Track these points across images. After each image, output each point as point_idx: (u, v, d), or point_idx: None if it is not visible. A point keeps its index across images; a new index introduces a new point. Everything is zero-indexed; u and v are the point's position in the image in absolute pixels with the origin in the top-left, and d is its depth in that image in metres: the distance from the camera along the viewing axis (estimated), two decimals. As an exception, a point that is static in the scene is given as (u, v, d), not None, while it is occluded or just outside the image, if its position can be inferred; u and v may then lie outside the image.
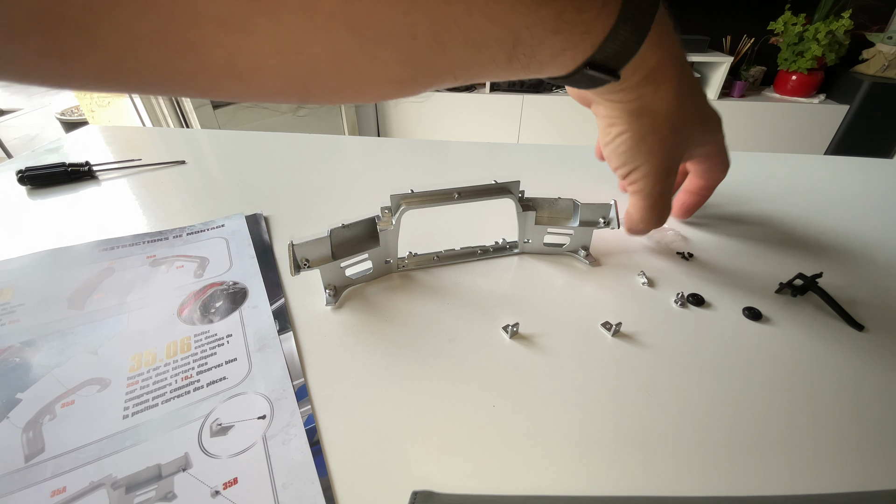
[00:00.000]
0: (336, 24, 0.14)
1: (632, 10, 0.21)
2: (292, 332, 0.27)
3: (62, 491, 0.19)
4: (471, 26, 0.16)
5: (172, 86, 0.14)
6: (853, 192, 0.47)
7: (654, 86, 0.26)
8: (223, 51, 0.13)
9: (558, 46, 0.20)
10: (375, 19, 0.14)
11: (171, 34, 0.12)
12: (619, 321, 0.27)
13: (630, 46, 0.22)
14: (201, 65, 0.13)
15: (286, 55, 0.14)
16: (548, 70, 0.22)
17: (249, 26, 0.13)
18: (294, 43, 0.14)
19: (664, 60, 0.25)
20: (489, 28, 0.17)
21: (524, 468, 0.20)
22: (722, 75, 1.78)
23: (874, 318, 0.29)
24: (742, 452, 0.21)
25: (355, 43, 0.15)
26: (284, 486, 0.19)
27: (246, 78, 0.14)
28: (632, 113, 0.28)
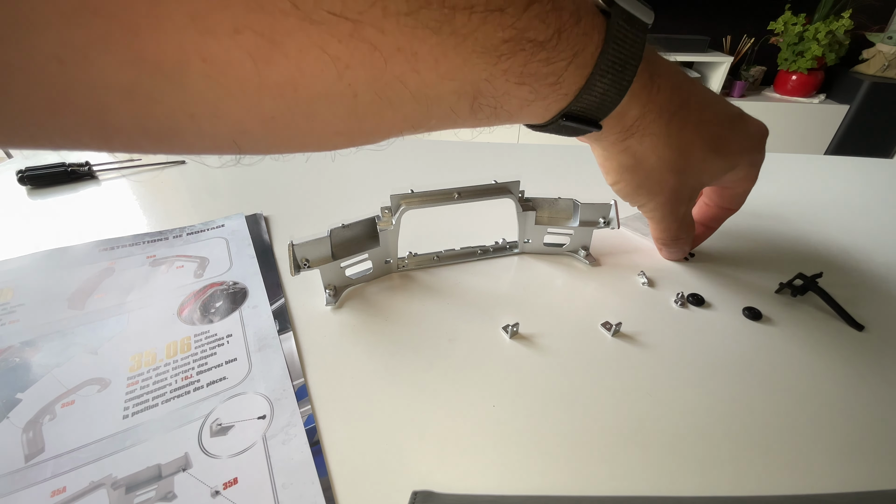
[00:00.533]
0: (254, 91, 0.12)
1: (610, 64, 0.19)
2: (292, 332, 0.27)
3: (62, 491, 0.19)
4: (419, 82, 0.15)
5: (92, 145, 0.13)
6: (853, 192, 0.47)
7: (639, 137, 0.24)
8: (131, 116, 0.12)
9: (526, 97, 0.19)
10: (303, 85, 0.13)
11: (71, 104, 0.11)
12: (619, 321, 0.27)
13: (610, 98, 0.21)
14: (112, 128, 0.12)
15: (202, 120, 0.13)
16: (520, 118, 0.21)
17: (155, 94, 0.12)
18: (208, 108, 0.13)
19: (646, 113, 0.23)
20: (441, 83, 0.16)
21: (524, 468, 0.20)
22: (722, 75, 1.78)
23: (874, 318, 0.29)
24: (742, 452, 0.21)
25: (283, 106, 0.13)
26: (284, 486, 0.19)
27: (165, 139, 0.13)
28: (621, 165, 0.26)
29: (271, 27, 0.11)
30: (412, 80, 0.15)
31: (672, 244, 0.33)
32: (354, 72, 0.13)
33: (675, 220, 0.30)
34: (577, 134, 0.23)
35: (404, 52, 0.14)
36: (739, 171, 0.29)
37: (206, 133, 0.13)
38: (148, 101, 0.12)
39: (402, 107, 0.16)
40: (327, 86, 0.13)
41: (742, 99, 1.86)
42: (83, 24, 0.10)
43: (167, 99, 0.12)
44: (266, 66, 0.12)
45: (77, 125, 0.12)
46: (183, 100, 0.12)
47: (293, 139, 0.15)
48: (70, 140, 0.13)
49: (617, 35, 0.19)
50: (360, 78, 0.14)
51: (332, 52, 0.13)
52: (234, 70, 0.12)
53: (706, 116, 0.26)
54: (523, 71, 0.17)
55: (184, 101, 0.12)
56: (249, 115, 0.13)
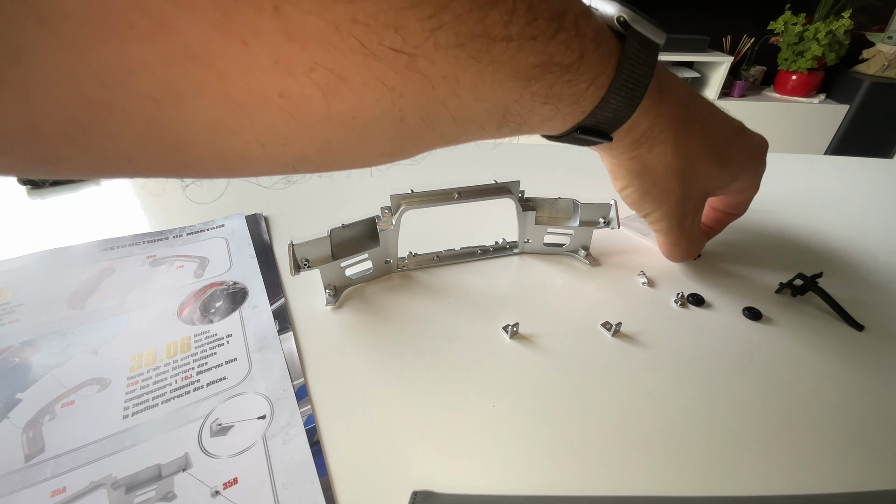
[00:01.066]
0: (320, 121, 0.14)
1: (623, 83, 0.21)
2: (292, 332, 0.27)
3: (62, 491, 0.19)
4: (458, 105, 0.16)
5: (166, 174, 0.14)
6: (853, 192, 0.47)
7: (648, 147, 0.26)
8: (211, 148, 0.13)
9: (548, 115, 0.20)
10: (361, 113, 0.14)
11: (160, 139, 0.12)
12: (619, 321, 0.27)
13: (622, 113, 0.22)
14: (191, 160, 0.13)
15: (272, 148, 0.14)
16: (540, 131, 0.22)
17: (236, 128, 0.13)
18: (280, 139, 0.14)
19: (655, 125, 0.25)
20: (477, 104, 0.17)
21: (524, 468, 0.20)
22: (722, 75, 1.78)
23: (874, 318, 0.29)
24: (742, 452, 0.21)
25: (342, 133, 0.15)
26: (284, 486, 0.19)
27: (235, 166, 0.14)
28: (630, 171, 0.27)
29: (341, 64, 0.12)
30: (452, 103, 0.16)
31: (682, 260, 0.33)
32: (405, 99, 0.15)
33: (682, 232, 0.30)
34: (589, 144, 0.24)
35: (448, 79, 0.15)
36: (742, 181, 0.30)
37: (272, 160, 0.15)
38: (228, 135, 0.13)
39: (441, 127, 0.17)
40: (382, 113, 0.15)
41: (742, 99, 1.86)
42: (181, 70, 0.11)
43: (245, 132, 0.13)
44: (333, 98, 0.13)
45: (162, 158, 0.13)
46: (259, 132, 0.13)
47: (344, 161, 0.17)
48: (152, 171, 0.14)
49: (631, 57, 0.21)
50: (409, 104, 0.15)
51: (390, 83, 0.14)
52: (307, 104, 0.13)
53: (711, 129, 0.27)
54: (549, 92, 0.19)
55: (260, 133, 0.13)
56: (312, 143, 0.15)
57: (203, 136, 0.13)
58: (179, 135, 0.12)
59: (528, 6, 0.15)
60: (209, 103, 0.12)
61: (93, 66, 0.10)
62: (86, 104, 0.10)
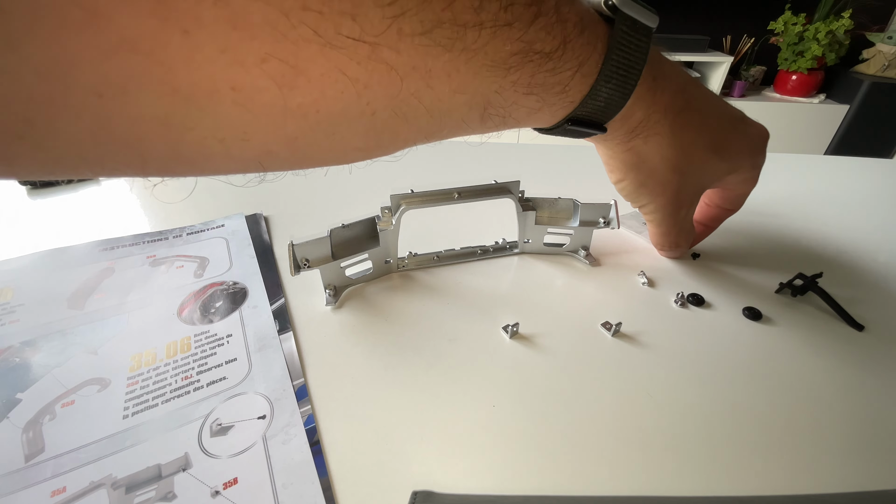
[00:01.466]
0: (279, 114, 0.13)
1: (614, 70, 0.20)
2: (292, 332, 0.27)
3: (62, 491, 0.19)
4: (433, 97, 0.15)
5: (129, 172, 0.14)
6: (853, 192, 0.47)
7: (644, 137, 0.25)
8: (166, 144, 0.13)
9: (533, 106, 0.19)
10: (324, 106, 0.13)
11: (110, 134, 0.12)
12: (619, 321, 0.27)
13: (615, 102, 0.21)
14: (147, 155, 0.13)
15: (231, 143, 0.13)
16: (528, 124, 0.21)
17: (188, 122, 0.12)
18: (238, 132, 0.13)
19: (651, 115, 0.23)
20: (454, 97, 0.16)
21: (524, 468, 0.20)
22: (722, 75, 1.78)
23: (874, 318, 0.29)
24: (742, 452, 0.21)
25: (307, 127, 0.14)
26: (284, 486, 0.19)
27: (196, 163, 0.14)
28: (626, 163, 0.27)
29: (295, 54, 0.12)
30: (426, 96, 0.15)
31: (670, 250, 0.33)
32: (373, 91, 0.14)
33: (675, 223, 0.30)
34: (582, 136, 0.23)
35: (419, 70, 0.14)
36: (741, 173, 0.29)
37: (234, 156, 0.14)
38: (181, 130, 0.12)
39: (417, 121, 0.16)
40: (347, 106, 0.14)
41: (742, 99, 1.86)
42: (121, 61, 0.10)
43: (199, 126, 0.12)
44: (290, 90, 0.13)
45: (116, 154, 0.13)
46: (214, 126, 0.13)
47: (314, 157, 0.16)
48: (108, 168, 0.13)
49: (621, 42, 0.19)
50: (378, 96, 0.14)
51: (352, 74, 0.13)
52: (262, 96, 0.12)
53: (709, 119, 0.26)
54: (531, 81, 0.18)
55: (215, 128, 0.13)
56: (275, 137, 0.14)
57: (155, 132, 0.12)
58: (130, 130, 0.12)
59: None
60: (156, 96, 0.11)
61: (30, 60, 0.10)
62: (27, 99, 0.10)
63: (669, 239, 0.31)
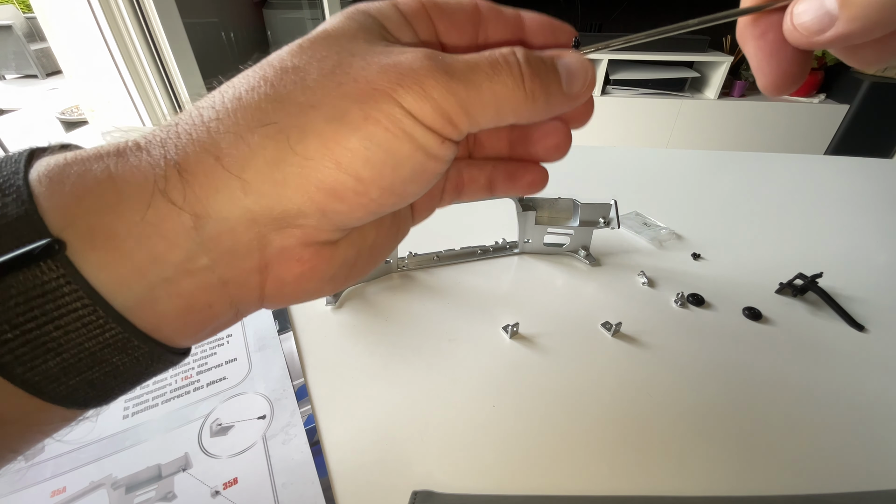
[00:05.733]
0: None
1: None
2: (292, 332, 0.27)
3: (62, 491, 0.19)
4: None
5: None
6: (853, 192, 0.47)
7: (277, 231, 0.11)
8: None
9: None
10: None
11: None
12: (619, 321, 0.27)
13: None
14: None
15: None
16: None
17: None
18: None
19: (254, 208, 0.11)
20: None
21: (524, 468, 0.20)
22: (722, 75, 1.78)
23: (874, 318, 0.29)
24: (742, 452, 0.21)
25: None
26: (284, 486, 0.19)
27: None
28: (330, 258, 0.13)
29: None
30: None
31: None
32: None
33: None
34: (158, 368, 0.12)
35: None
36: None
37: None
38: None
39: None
40: None
41: (742, 99, 1.86)
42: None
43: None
44: None
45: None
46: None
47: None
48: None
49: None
50: None
51: None
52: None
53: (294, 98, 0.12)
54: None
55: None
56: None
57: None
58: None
59: None
60: None
61: None
62: None
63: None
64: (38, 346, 0.09)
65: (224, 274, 0.11)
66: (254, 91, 0.11)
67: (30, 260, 0.08)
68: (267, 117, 0.10)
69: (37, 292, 0.09)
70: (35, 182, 0.09)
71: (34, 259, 0.08)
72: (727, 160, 0.55)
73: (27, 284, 0.09)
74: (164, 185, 0.10)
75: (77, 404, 0.10)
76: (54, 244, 0.09)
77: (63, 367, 0.09)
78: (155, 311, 0.10)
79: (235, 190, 0.10)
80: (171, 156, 0.10)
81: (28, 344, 0.09)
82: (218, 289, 0.11)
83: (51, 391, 0.10)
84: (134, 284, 0.10)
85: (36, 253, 0.08)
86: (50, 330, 0.09)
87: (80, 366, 0.10)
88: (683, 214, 0.41)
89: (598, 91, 1.61)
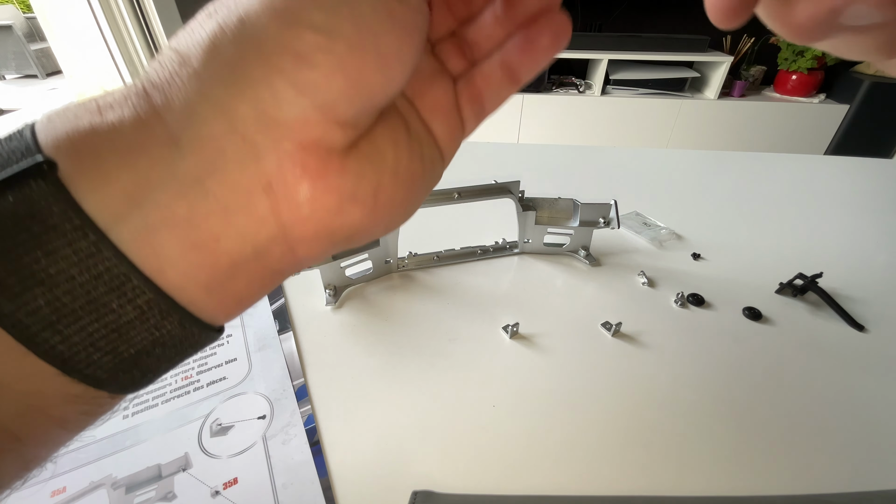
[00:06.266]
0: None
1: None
2: (292, 332, 0.27)
3: (62, 491, 0.19)
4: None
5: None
6: (853, 192, 0.47)
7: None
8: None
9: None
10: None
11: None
12: (619, 321, 0.27)
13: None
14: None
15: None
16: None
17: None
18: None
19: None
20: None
21: (524, 468, 0.20)
22: (722, 75, 1.78)
23: (874, 318, 0.29)
24: (742, 452, 0.21)
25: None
26: (284, 486, 0.19)
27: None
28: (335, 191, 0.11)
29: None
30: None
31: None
32: None
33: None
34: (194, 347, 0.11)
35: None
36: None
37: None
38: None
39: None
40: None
41: (742, 99, 1.86)
42: None
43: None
44: None
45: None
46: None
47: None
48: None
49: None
50: None
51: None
52: None
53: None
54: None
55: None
56: None
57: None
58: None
59: None
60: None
61: None
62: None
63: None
64: (26, 277, 0.08)
65: (219, 193, 0.10)
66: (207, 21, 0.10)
67: (20, 179, 0.08)
68: (209, 13, 0.10)
69: (25, 211, 0.08)
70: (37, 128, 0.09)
71: (24, 177, 0.08)
72: (727, 160, 0.55)
73: (16, 203, 0.08)
74: (136, 100, 0.09)
75: (76, 369, 0.09)
76: (44, 164, 0.08)
77: (54, 308, 0.08)
78: (153, 246, 0.09)
79: (194, 82, 0.10)
80: (143, 81, 0.10)
81: (15, 274, 0.08)
82: (219, 215, 0.10)
83: (43, 341, 0.08)
84: (123, 210, 0.09)
85: (25, 171, 0.08)
86: (38, 257, 0.08)
87: (75, 307, 0.09)
88: (683, 214, 0.41)
89: (598, 91, 1.61)
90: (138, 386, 0.10)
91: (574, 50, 1.57)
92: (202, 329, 0.10)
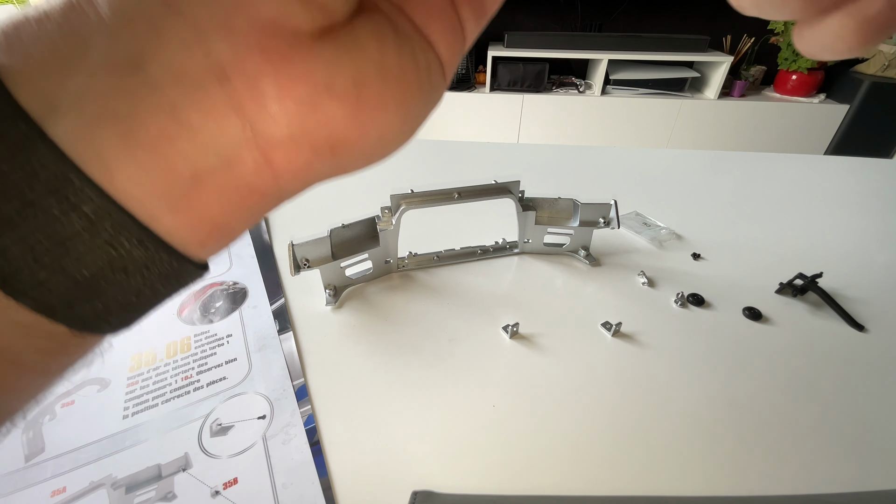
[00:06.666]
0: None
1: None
2: (292, 332, 0.27)
3: (62, 491, 0.19)
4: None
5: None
6: (853, 192, 0.47)
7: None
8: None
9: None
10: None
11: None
12: (619, 321, 0.27)
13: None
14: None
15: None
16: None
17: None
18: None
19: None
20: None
21: (524, 468, 0.20)
22: (722, 75, 1.78)
23: (874, 318, 0.29)
24: (742, 452, 0.21)
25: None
26: (284, 486, 0.19)
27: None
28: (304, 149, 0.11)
29: None
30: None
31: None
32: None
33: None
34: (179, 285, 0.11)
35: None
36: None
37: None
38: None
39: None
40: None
41: (742, 99, 1.86)
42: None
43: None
44: None
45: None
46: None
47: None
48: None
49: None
50: None
51: None
52: None
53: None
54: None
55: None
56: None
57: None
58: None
59: None
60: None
61: None
62: None
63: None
64: None
65: (161, 81, 0.08)
66: None
67: None
68: None
69: None
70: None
71: None
72: (727, 160, 0.55)
73: None
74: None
75: (18, 289, 0.08)
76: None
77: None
78: (93, 143, 0.08)
79: None
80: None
81: None
82: (166, 111, 0.08)
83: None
84: (56, 101, 0.08)
85: None
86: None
87: (9, 210, 0.07)
88: (683, 214, 0.41)
89: (598, 91, 1.61)
90: (104, 323, 0.09)
91: (574, 50, 1.57)
92: (172, 256, 0.09)
